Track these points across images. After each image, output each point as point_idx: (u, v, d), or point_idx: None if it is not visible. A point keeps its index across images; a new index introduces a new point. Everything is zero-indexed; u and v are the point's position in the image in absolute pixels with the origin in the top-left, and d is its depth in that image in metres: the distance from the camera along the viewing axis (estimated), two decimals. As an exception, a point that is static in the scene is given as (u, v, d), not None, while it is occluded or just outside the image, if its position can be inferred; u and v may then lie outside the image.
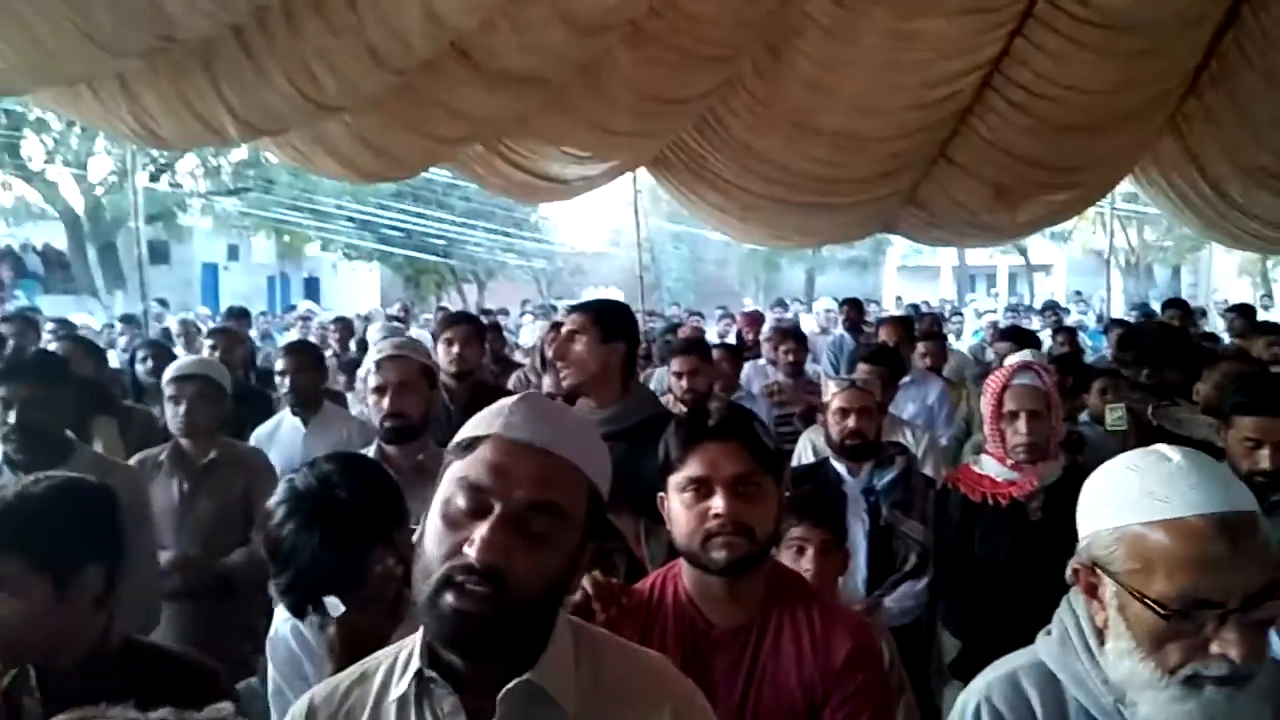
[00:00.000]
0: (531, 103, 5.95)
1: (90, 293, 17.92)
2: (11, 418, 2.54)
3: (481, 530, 1.01)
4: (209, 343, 4.72)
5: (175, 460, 3.15)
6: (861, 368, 3.77)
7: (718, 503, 1.55)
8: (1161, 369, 3.74)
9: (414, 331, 9.90)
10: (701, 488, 1.58)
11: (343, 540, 1.61)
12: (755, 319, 8.65)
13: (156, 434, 3.30)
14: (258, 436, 3.87)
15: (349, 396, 5.12)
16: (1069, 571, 1.27)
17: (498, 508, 1.02)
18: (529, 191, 7.94)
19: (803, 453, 3.58)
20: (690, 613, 1.62)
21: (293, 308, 18.06)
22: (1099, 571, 1.20)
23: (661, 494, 1.66)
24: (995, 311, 15.18)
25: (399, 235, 20.57)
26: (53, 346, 5.89)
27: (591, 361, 2.44)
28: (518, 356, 6.17)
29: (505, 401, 1.12)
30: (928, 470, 3.57)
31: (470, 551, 1.00)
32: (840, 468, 2.96)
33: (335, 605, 1.63)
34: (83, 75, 5.05)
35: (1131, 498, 1.18)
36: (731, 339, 9.14)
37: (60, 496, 1.57)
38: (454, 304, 24.35)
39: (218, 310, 19.34)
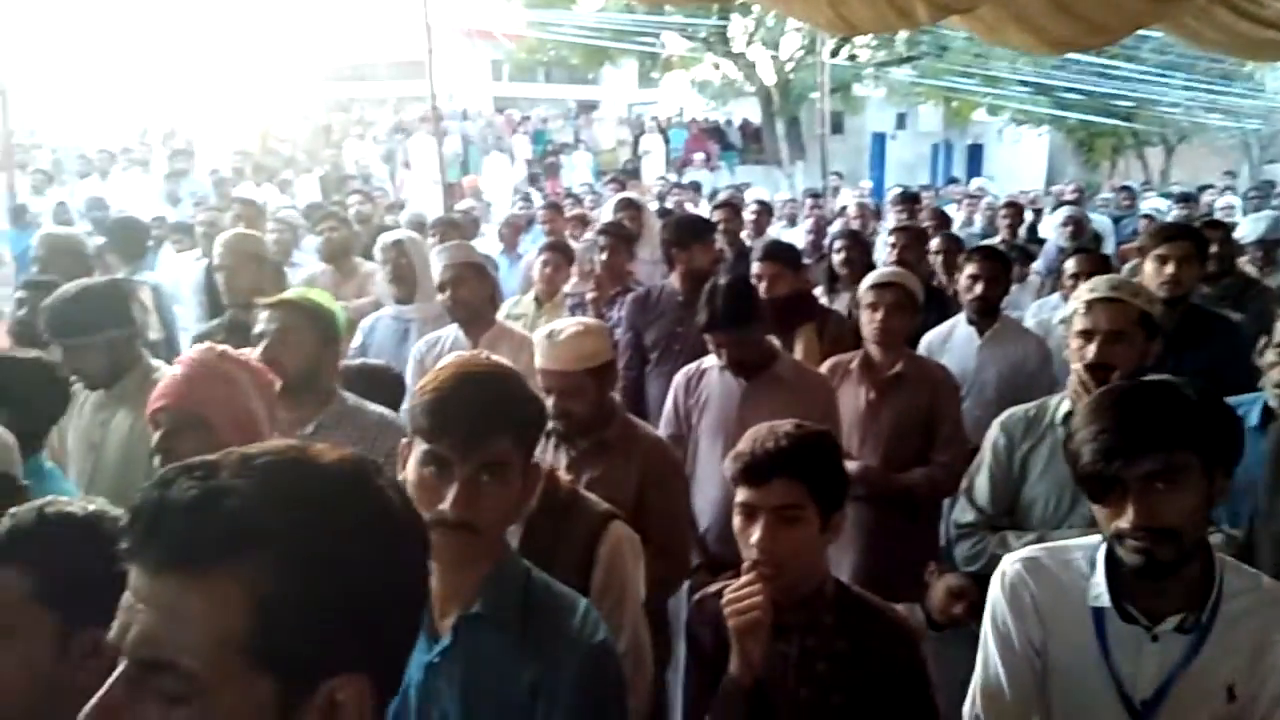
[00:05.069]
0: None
1: (775, 163, 19.91)
2: (724, 357, 3.02)
3: None
4: (890, 240, 4.78)
5: (864, 369, 3.26)
6: None
7: None
8: None
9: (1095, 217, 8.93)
10: None
11: None
12: None
13: (846, 337, 3.47)
14: (929, 342, 3.86)
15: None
16: None
17: None
18: (1257, 47, 6.46)
19: None
20: None
21: (954, 180, 17.81)
22: None
23: None
24: None
25: (1077, 97, 18.68)
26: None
27: None
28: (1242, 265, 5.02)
29: None
30: None
31: None
32: None
33: None
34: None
35: None
36: None
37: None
38: (1133, 174, 21.69)
39: (882, 180, 20.11)
